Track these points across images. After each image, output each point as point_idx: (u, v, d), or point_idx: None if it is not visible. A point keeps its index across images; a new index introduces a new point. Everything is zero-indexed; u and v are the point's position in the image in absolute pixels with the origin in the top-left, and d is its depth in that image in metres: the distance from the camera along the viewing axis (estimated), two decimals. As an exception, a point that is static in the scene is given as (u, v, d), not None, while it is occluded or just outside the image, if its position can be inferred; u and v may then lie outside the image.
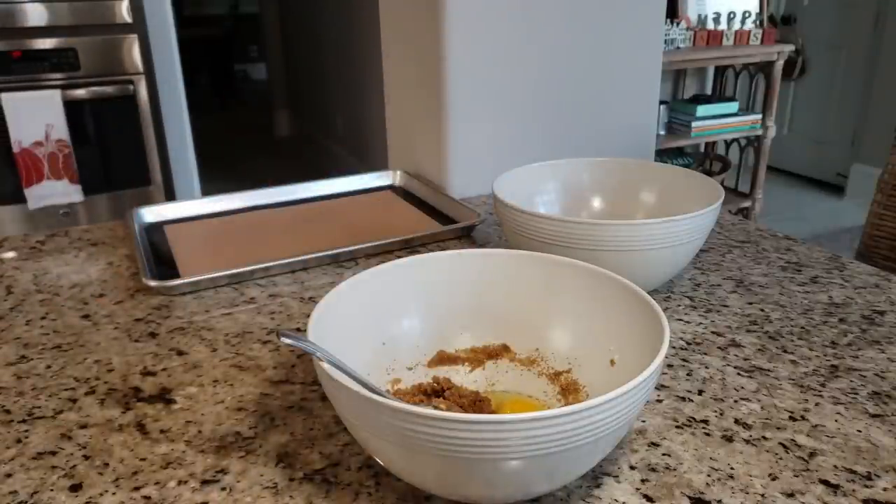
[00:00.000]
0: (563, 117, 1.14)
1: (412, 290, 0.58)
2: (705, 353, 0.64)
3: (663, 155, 2.80)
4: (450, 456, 0.38)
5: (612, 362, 0.52)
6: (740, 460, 0.50)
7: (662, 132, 2.73)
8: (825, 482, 0.47)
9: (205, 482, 0.48)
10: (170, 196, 2.23)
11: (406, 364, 0.57)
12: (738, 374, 0.60)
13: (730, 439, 0.52)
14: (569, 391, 0.54)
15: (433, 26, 1.02)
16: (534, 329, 0.58)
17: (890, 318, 0.70)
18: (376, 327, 0.56)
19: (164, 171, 2.21)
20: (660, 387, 0.59)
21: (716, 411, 0.55)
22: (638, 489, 0.47)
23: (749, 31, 2.68)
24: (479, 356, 0.59)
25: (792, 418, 0.54)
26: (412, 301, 0.58)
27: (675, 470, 0.49)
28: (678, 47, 2.61)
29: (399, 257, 0.85)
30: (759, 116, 2.77)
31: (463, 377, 0.58)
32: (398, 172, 1.15)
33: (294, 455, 0.51)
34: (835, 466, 0.49)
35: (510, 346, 0.59)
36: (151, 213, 0.98)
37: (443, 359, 0.59)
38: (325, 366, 0.42)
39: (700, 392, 0.58)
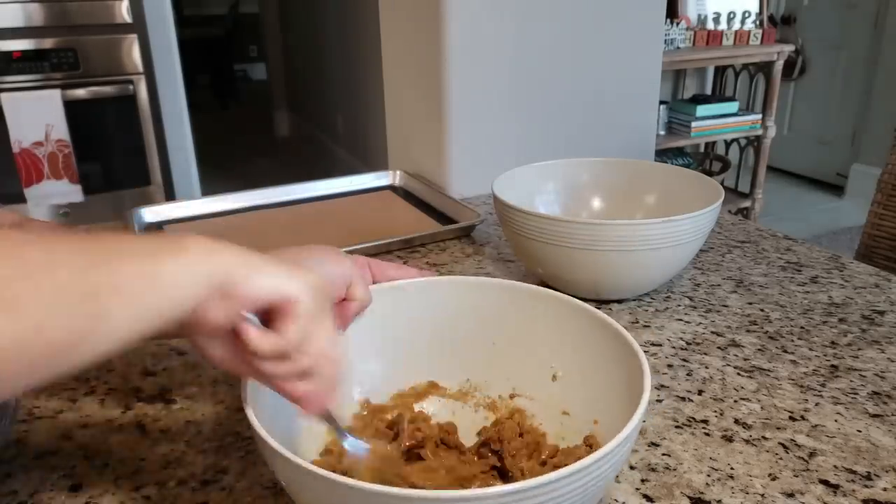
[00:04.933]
0: (563, 117, 1.14)
1: None
2: (705, 353, 0.64)
3: (663, 155, 2.79)
4: None
5: (555, 377, 0.50)
6: (740, 460, 0.50)
7: (662, 132, 2.73)
8: (825, 482, 0.47)
9: (205, 482, 0.48)
10: (170, 196, 2.23)
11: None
12: (738, 374, 0.60)
13: (730, 439, 0.52)
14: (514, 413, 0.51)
15: (433, 26, 1.02)
16: (460, 358, 0.53)
17: (890, 318, 0.70)
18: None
19: (164, 171, 2.21)
20: (660, 387, 0.59)
21: (716, 411, 0.55)
22: (638, 489, 0.47)
23: (749, 31, 2.68)
24: (407, 401, 0.53)
25: (792, 418, 0.54)
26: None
27: (675, 470, 0.49)
28: (678, 47, 2.60)
29: (399, 257, 0.85)
30: (759, 116, 2.77)
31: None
32: (398, 172, 1.15)
33: (294, 455, 0.50)
34: (835, 466, 0.49)
35: (437, 382, 0.54)
36: (151, 213, 0.98)
37: (370, 412, 0.52)
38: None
39: (700, 392, 0.58)
